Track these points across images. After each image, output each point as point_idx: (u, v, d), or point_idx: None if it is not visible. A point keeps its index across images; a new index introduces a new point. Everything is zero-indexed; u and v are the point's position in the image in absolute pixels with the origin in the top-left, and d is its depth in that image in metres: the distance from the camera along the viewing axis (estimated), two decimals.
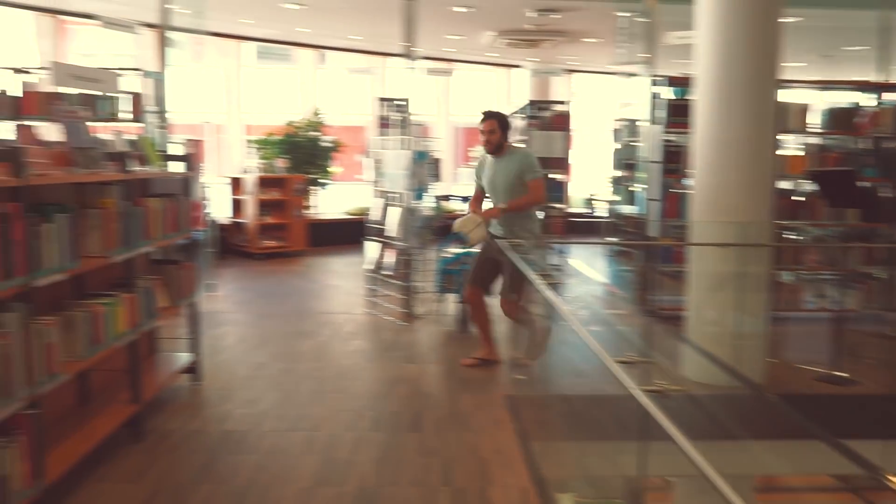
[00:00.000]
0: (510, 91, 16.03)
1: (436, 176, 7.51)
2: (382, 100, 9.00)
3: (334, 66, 15.50)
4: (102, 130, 6.32)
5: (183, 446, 3.81)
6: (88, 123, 4.09)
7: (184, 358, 4.69)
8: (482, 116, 5.09)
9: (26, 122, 6.37)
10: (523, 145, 5.25)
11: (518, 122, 10.13)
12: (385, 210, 6.91)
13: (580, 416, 4.20)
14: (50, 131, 7.14)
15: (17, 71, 7.37)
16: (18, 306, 2.72)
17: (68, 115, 3.46)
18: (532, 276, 3.78)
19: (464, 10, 10.01)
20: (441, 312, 6.80)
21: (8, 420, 2.69)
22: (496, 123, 5.02)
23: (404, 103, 7.31)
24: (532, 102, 9.74)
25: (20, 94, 7.18)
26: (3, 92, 6.82)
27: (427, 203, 7.21)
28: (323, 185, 12.50)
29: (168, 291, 4.32)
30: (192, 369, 4.71)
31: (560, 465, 3.77)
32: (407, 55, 6.96)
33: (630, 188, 8.65)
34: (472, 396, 4.65)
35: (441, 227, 7.43)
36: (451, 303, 6.61)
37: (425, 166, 6.97)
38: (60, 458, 3.16)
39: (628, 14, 8.47)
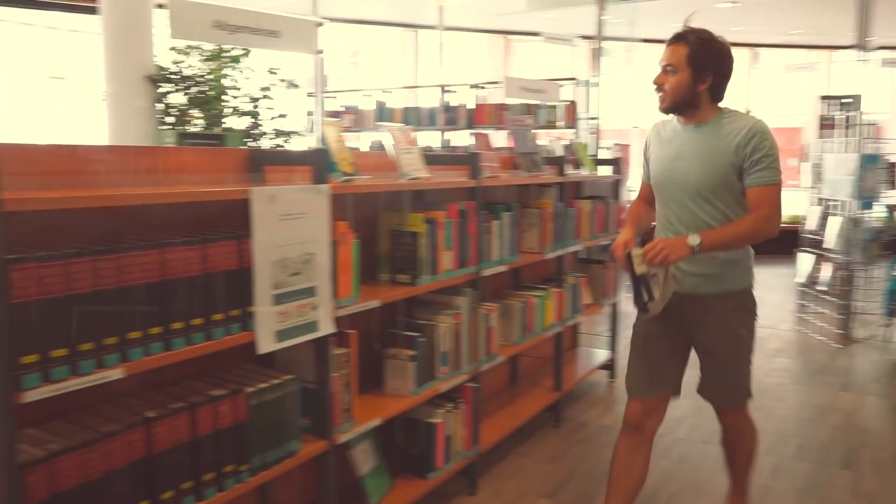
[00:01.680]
0: None
1: (889, 182, 6.53)
2: (825, 98, 8.13)
3: (768, 65, 14.52)
4: (542, 136, 6.90)
5: (595, 438, 3.95)
6: (531, 130, 4.49)
7: (601, 354, 4.86)
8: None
9: (480, 131, 7.25)
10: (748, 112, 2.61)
11: None
12: (824, 219, 6.26)
13: None
14: (498, 138, 8.04)
15: (473, 86, 8.46)
16: (469, 292, 3.11)
17: (516, 123, 3.82)
18: None
19: None
20: (887, 338, 5.93)
21: (455, 389, 3.10)
22: (685, 53, 2.44)
23: (852, 101, 6.53)
24: None
25: (474, 107, 8.23)
26: (463, 105, 7.88)
27: (876, 213, 6.32)
28: None
29: (591, 289, 4.52)
30: (608, 366, 4.85)
31: None
32: (859, 46, 6.19)
33: None
34: None
35: (892, 242, 6.46)
36: None
37: (876, 171, 6.12)
38: (491, 430, 3.52)
39: None
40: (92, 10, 6.29)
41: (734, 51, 2.53)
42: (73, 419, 1.77)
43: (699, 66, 2.42)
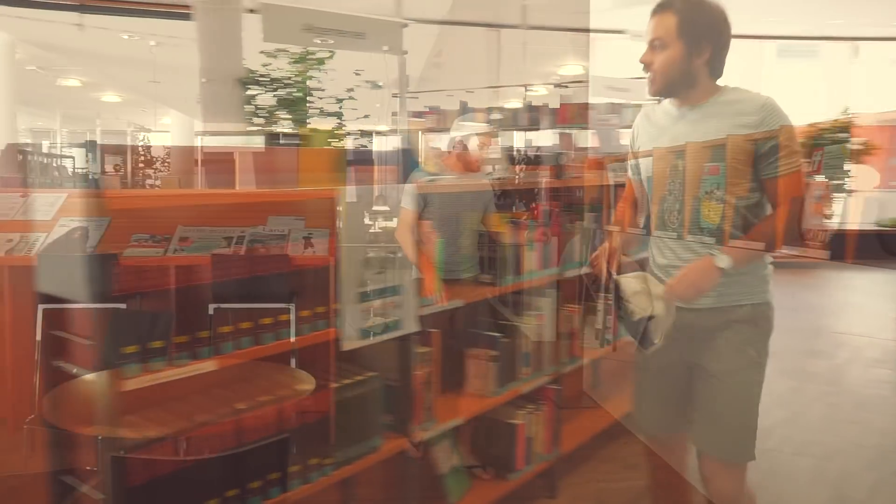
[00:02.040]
0: None
1: None
2: None
3: (871, 59, 13.81)
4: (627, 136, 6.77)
5: None
6: (617, 130, 4.41)
7: None
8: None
9: (564, 130, 7.19)
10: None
11: None
12: None
13: None
14: (582, 138, 7.95)
15: (557, 85, 8.40)
16: (551, 293, 3.08)
17: (601, 122, 3.77)
18: None
19: None
20: None
21: (536, 390, 3.07)
22: (674, 23, 2.01)
23: None
24: None
25: (557, 106, 8.15)
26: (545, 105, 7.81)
27: None
28: (849, 191, 11.31)
29: None
30: None
31: None
32: None
33: None
34: None
35: None
36: None
37: None
38: (573, 433, 3.47)
39: None
40: (186, 17, 6.55)
41: (829, 45, 2.39)
42: (169, 408, 1.85)
43: (693, 37, 2.00)
